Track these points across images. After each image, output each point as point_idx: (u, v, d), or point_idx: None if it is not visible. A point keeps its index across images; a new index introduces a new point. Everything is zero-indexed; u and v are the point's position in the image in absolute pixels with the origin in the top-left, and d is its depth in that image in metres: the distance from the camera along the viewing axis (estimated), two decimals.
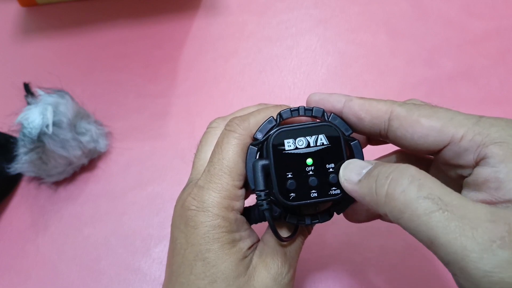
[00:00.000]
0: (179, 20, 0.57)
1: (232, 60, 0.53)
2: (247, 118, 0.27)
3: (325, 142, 0.25)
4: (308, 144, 0.25)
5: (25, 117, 0.41)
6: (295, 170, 0.25)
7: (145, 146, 0.48)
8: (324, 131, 0.25)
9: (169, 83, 0.52)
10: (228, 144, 0.26)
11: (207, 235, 0.25)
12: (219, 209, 0.25)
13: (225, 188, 0.26)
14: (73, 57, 0.55)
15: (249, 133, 0.27)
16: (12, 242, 0.43)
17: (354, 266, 0.40)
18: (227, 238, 0.25)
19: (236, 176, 0.26)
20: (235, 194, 0.26)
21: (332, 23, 0.56)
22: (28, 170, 0.43)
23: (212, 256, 0.25)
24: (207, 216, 0.25)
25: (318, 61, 0.53)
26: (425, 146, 0.23)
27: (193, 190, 0.26)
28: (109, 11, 0.59)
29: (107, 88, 0.52)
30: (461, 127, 0.22)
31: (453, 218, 0.18)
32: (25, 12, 0.59)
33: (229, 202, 0.26)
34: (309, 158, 0.25)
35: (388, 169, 0.21)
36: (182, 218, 0.26)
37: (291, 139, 0.25)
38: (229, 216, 0.26)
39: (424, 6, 0.57)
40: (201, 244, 0.25)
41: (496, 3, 0.56)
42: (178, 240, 0.26)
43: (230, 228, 0.25)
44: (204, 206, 0.25)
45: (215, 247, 0.25)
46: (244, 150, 0.26)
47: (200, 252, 0.25)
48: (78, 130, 0.44)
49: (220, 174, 0.26)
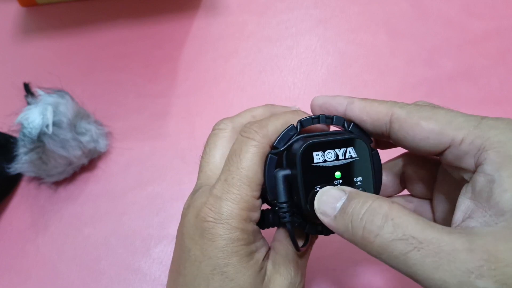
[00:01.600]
0: (179, 20, 0.57)
1: (232, 60, 0.53)
2: (266, 124, 0.26)
3: (353, 155, 0.24)
4: (337, 157, 0.24)
5: (25, 117, 0.41)
6: (323, 183, 0.24)
7: (145, 146, 0.48)
8: (352, 144, 0.25)
9: (169, 83, 0.52)
10: (247, 153, 0.25)
11: (226, 248, 0.24)
12: (238, 222, 0.24)
13: (244, 200, 0.25)
14: (73, 57, 0.55)
15: (268, 141, 0.26)
16: (12, 242, 0.43)
17: (355, 266, 0.40)
18: (246, 251, 0.24)
19: (255, 186, 0.25)
20: (253, 205, 0.25)
21: (332, 23, 0.56)
22: (28, 170, 0.43)
23: (231, 270, 0.24)
24: (226, 228, 0.24)
25: (318, 61, 0.53)
26: (426, 148, 0.23)
27: (209, 199, 0.25)
28: (109, 11, 0.59)
29: (107, 88, 0.52)
30: (460, 129, 0.22)
31: (429, 255, 0.18)
32: (25, 12, 0.59)
33: (247, 214, 0.25)
34: (337, 171, 0.24)
35: (361, 208, 0.21)
36: (197, 229, 0.25)
37: (320, 151, 0.24)
38: (248, 228, 0.25)
39: (424, 6, 0.57)
40: (219, 258, 0.24)
41: (496, 3, 0.56)
42: (192, 251, 0.25)
43: (248, 240, 0.25)
44: (222, 218, 0.24)
45: (233, 261, 0.24)
46: (263, 159, 0.25)
47: (218, 266, 0.24)
48: (78, 130, 0.44)
49: (238, 184, 0.25)
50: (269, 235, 0.28)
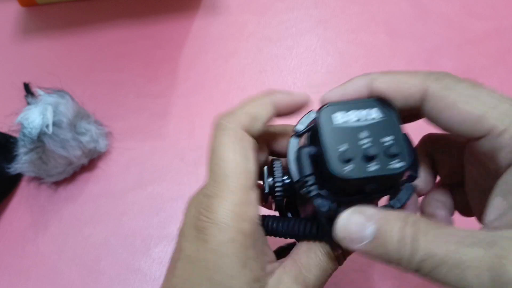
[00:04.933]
0: (179, 20, 0.57)
1: (232, 60, 0.54)
2: (233, 111, 0.25)
3: (377, 115, 0.22)
4: (359, 118, 0.22)
5: (25, 117, 0.41)
6: (349, 143, 0.21)
7: (145, 146, 0.48)
8: (376, 106, 0.22)
9: (169, 83, 0.52)
10: (220, 144, 0.23)
11: (218, 249, 0.22)
12: (232, 220, 0.22)
13: (233, 192, 0.23)
14: (73, 57, 0.55)
15: (239, 125, 0.24)
16: (12, 242, 0.43)
17: (355, 266, 0.40)
18: (240, 255, 0.22)
19: (241, 175, 0.23)
20: (246, 198, 0.23)
21: (332, 23, 0.56)
22: (28, 170, 0.43)
23: (221, 275, 0.22)
24: (220, 229, 0.22)
25: (318, 61, 0.53)
26: (460, 132, 0.21)
27: (203, 200, 0.24)
28: (109, 11, 0.59)
29: (107, 88, 0.52)
30: (504, 118, 0.19)
31: (452, 268, 0.18)
32: (25, 12, 0.59)
33: (241, 209, 0.22)
34: (363, 131, 0.22)
35: (392, 239, 0.19)
36: (193, 229, 0.23)
37: (342, 111, 0.22)
38: (244, 227, 0.22)
39: (424, 6, 0.57)
40: (210, 260, 0.22)
41: (496, 3, 0.56)
42: (184, 252, 0.24)
43: (245, 242, 0.22)
44: (215, 218, 0.22)
45: (224, 266, 0.22)
46: (240, 145, 0.23)
47: (207, 270, 0.22)
48: (78, 130, 0.44)
49: (223, 178, 0.23)
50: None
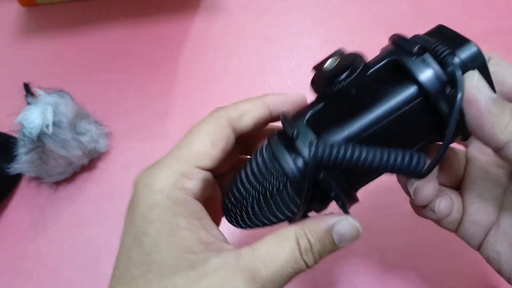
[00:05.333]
0: (179, 20, 0.57)
1: (232, 60, 0.54)
2: (227, 107, 0.25)
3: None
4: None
5: (25, 117, 0.41)
6: None
7: (145, 146, 0.48)
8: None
9: (169, 83, 0.52)
10: (200, 126, 0.24)
11: (146, 214, 0.21)
12: (164, 185, 0.22)
13: (179, 163, 0.22)
14: (73, 57, 0.55)
15: (225, 116, 0.25)
16: (12, 242, 0.43)
17: (354, 266, 0.40)
18: (168, 222, 0.21)
19: (198, 154, 0.23)
20: (190, 173, 0.22)
21: (332, 23, 0.56)
22: (28, 170, 0.43)
23: (148, 241, 0.21)
24: (149, 192, 0.22)
25: (318, 61, 0.53)
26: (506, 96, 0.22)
27: (151, 166, 0.23)
28: (109, 11, 0.59)
29: (107, 88, 0.52)
30: None
31: None
32: (25, 12, 0.59)
33: (180, 179, 0.22)
34: None
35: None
36: (131, 196, 0.23)
37: None
38: (175, 194, 0.22)
39: (424, 6, 0.57)
40: (139, 225, 0.21)
41: (496, 3, 0.56)
42: (125, 221, 0.23)
43: (174, 209, 0.21)
44: (148, 181, 0.22)
45: (152, 231, 0.21)
46: (216, 133, 0.24)
47: (137, 235, 0.21)
48: (78, 130, 0.44)
49: (180, 148, 0.23)
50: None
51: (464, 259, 0.40)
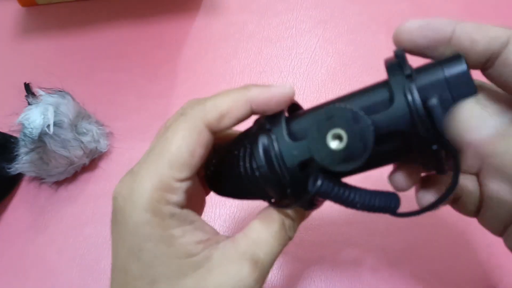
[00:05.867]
0: (180, 21, 0.57)
1: (232, 61, 0.54)
2: (204, 101, 0.23)
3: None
4: None
5: (26, 117, 0.41)
6: None
7: (145, 146, 0.47)
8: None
9: (170, 84, 0.52)
10: (176, 129, 0.22)
11: (137, 232, 0.21)
12: (148, 203, 0.21)
13: (159, 177, 0.21)
14: (74, 57, 0.55)
15: (203, 119, 0.22)
16: (12, 242, 0.43)
17: (352, 266, 0.40)
18: (162, 236, 0.21)
19: (177, 164, 0.22)
20: (171, 186, 0.22)
21: (331, 23, 0.56)
22: (29, 170, 0.43)
23: (146, 256, 0.21)
24: (134, 209, 0.21)
25: (317, 62, 0.53)
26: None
27: (126, 176, 0.23)
28: (109, 11, 0.59)
29: (107, 88, 0.52)
30: None
31: None
32: (25, 12, 0.59)
33: (161, 194, 0.21)
34: None
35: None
36: (114, 211, 0.23)
37: None
38: (162, 210, 0.21)
39: (424, 6, 0.57)
40: (132, 242, 0.21)
41: (496, 3, 0.56)
42: (112, 236, 0.23)
43: (164, 224, 0.21)
44: (131, 197, 0.22)
45: (148, 246, 0.21)
46: (194, 138, 0.22)
47: (132, 251, 0.21)
48: (79, 130, 0.44)
49: (157, 158, 0.22)
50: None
51: (464, 259, 0.40)
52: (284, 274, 0.40)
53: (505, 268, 0.39)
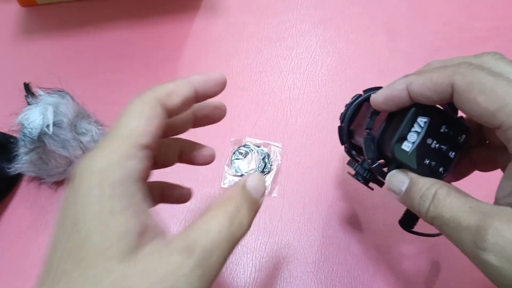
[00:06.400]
0: (180, 21, 0.57)
1: (232, 61, 0.54)
2: (154, 88, 0.26)
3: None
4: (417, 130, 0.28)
5: (25, 117, 0.41)
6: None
7: None
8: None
9: None
10: (131, 107, 0.24)
11: (85, 199, 0.21)
12: (103, 165, 0.21)
13: (118, 145, 0.22)
14: (74, 57, 0.55)
15: (155, 95, 0.25)
16: (12, 242, 0.43)
17: (350, 266, 0.40)
18: (104, 205, 0.20)
19: (135, 134, 0.23)
20: (129, 151, 0.22)
21: (331, 23, 0.56)
22: (29, 170, 0.43)
23: (81, 231, 0.20)
24: (89, 174, 0.21)
25: (317, 62, 0.53)
26: (481, 121, 0.24)
27: (91, 151, 0.23)
28: (109, 11, 0.59)
29: (107, 88, 0.52)
30: (510, 118, 0.23)
31: (452, 229, 0.24)
32: (25, 12, 0.59)
33: (119, 159, 0.22)
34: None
35: (418, 194, 0.27)
36: (71, 179, 0.22)
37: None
38: (115, 175, 0.21)
39: (423, 7, 0.57)
40: (77, 211, 0.21)
41: (496, 4, 0.56)
42: (60, 210, 0.22)
43: (112, 191, 0.21)
44: (88, 164, 0.21)
45: (89, 216, 0.20)
46: (148, 111, 0.24)
47: (76, 222, 0.21)
48: (79, 130, 0.44)
49: (116, 133, 0.23)
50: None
51: (464, 258, 0.40)
52: (284, 274, 0.40)
53: None
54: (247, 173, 0.45)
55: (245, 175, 0.27)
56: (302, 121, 0.49)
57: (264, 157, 0.46)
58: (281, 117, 0.49)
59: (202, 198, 0.44)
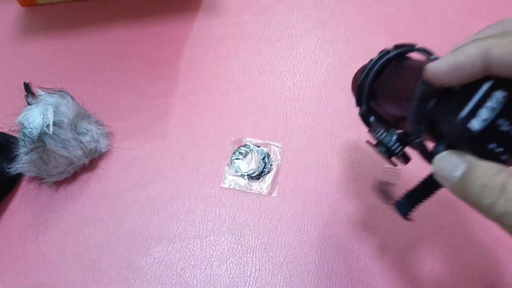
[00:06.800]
0: (180, 21, 0.57)
1: (232, 61, 0.54)
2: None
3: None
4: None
5: (25, 117, 0.41)
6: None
7: (145, 146, 0.48)
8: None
9: (170, 84, 0.52)
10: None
11: None
12: None
13: None
14: (74, 57, 0.55)
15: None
16: (12, 242, 0.43)
17: (350, 266, 0.40)
18: None
19: None
20: None
21: (331, 23, 0.56)
22: (29, 170, 0.43)
23: None
24: None
25: (317, 62, 0.53)
26: None
27: None
28: (109, 11, 0.59)
29: (107, 88, 0.52)
30: None
31: None
32: (25, 12, 0.60)
33: None
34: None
35: (478, 182, 0.21)
36: None
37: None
38: None
39: (423, 7, 0.57)
40: None
41: (496, 3, 0.56)
42: None
43: None
44: None
45: None
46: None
47: None
48: (79, 130, 0.44)
49: None
50: None
51: (464, 258, 0.40)
52: (284, 274, 0.40)
53: (504, 266, 0.39)
54: (247, 173, 0.45)
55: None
56: (302, 121, 0.49)
57: (264, 157, 0.46)
58: (281, 117, 0.49)
59: (202, 198, 0.44)
